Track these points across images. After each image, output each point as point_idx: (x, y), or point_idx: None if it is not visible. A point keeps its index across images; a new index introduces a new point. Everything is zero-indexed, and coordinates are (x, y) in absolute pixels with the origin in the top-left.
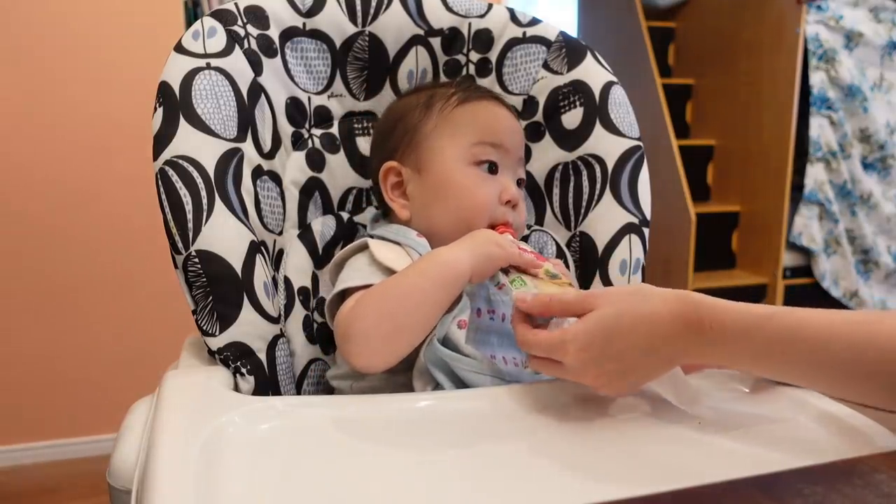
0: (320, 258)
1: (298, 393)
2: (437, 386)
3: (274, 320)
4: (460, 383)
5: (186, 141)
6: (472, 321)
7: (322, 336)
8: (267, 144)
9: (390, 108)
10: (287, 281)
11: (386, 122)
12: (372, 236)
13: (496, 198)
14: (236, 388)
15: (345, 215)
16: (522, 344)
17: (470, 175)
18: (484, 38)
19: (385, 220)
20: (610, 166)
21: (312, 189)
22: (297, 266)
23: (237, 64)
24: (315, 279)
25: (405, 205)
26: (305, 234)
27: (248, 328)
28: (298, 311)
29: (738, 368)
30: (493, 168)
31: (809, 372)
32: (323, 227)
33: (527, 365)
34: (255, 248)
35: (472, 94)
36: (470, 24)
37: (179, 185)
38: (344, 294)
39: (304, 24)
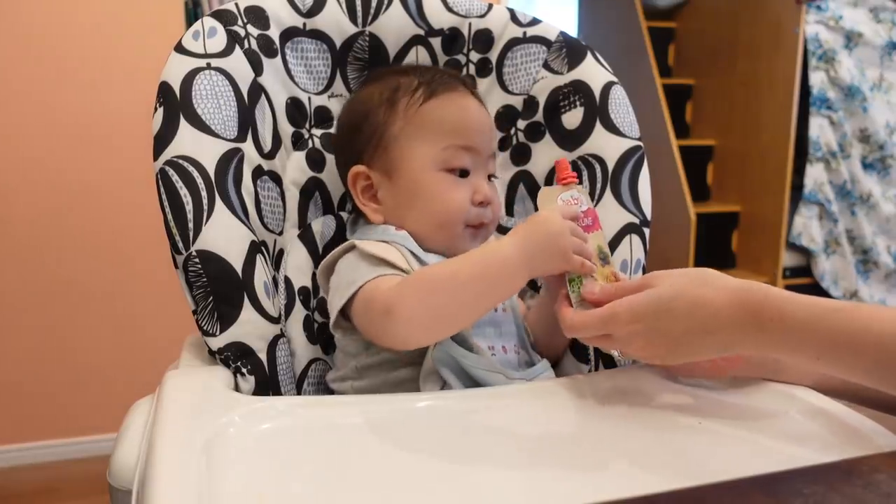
0: (321, 258)
1: (298, 393)
2: (445, 386)
3: (274, 320)
4: (470, 382)
5: (187, 141)
6: None
7: (323, 336)
8: (267, 144)
9: (352, 101)
10: (287, 281)
11: (349, 118)
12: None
13: (468, 201)
14: (237, 388)
15: (345, 215)
16: (571, 328)
17: (441, 181)
18: (484, 38)
19: (362, 222)
20: (610, 166)
21: (312, 189)
22: (298, 266)
23: (237, 64)
24: (316, 279)
25: (377, 209)
26: (306, 233)
27: (249, 328)
28: (299, 311)
29: (799, 361)
30: (464, 173)
31: (876, 370)
32: (323, 227)
33: (518, 351)
34: (256, 248)
35: (437, 86)
36: (470, 24)
37: (180, 185)
38: (354, 295)
39: (304, 24)
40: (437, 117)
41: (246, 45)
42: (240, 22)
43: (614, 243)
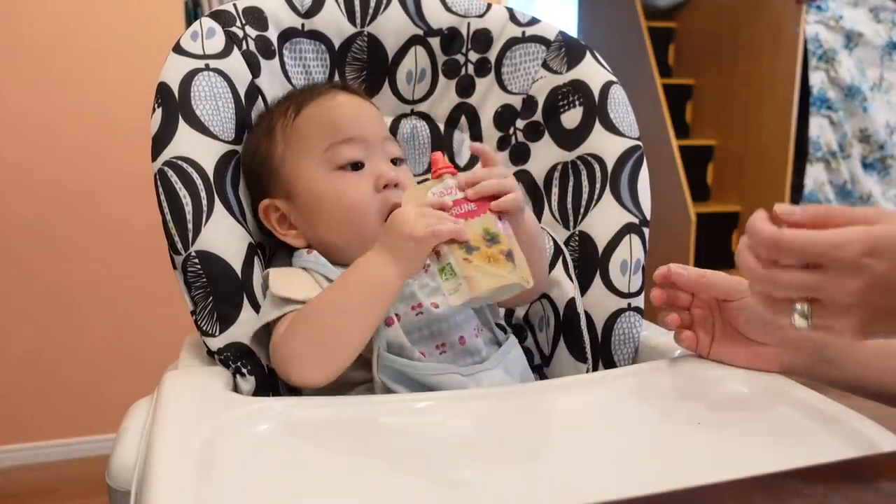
0: None
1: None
2: None
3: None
4: (420, 389)
5: (185, 142)
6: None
7: None
8: None
9: (243, 149)
10: None
11: (245, 164)
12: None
13: (371, 190)
14: (236, 389)
15: None
16: (770, 245)
17: (335, 181)
18: (483, 38)
19: (283, 249)
20: (610, 166)
21: None
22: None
23: (235, 65)
24: None
25: (296, 234)
26: None
27: (248, 328)
28: None
29: None
30: (357, 165)
31: None
32: None
33: (478, 334)
34: (253, 249)
35: (305, 97)
36: (469, 24)
37: (178, 185)
38: (269, 327)
39: (302, 25)
40: (312, 124)
41: (244, 47)
42: (238, 23)
43: (614, 243)
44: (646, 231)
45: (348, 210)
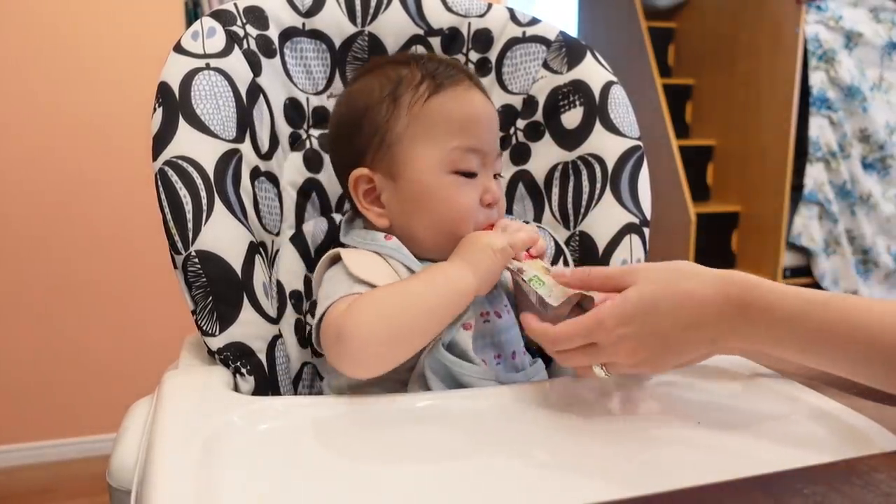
0: (312, 261)
1: (295, 394)
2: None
3: (273, 321)
4: (456, 388)
5: (186, 141)
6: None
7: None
8: (265, 145)
9: (350, 95)
10: (279, 284)
11: (348, 114)
12: (345, 245)
13: (477, 203)
14: (236, 389)
15: (338, 217)
16: (549, 341)
17: (450, 185)
18: (483, 38)
19: (358, 223)
20: (610, 166)
21: (310, 190)
22: (289, 268)
23: (236, 64)
24: (308, 281)
25: (381, 213)
26: (297, 236)
27: (248, 328)
28: (290, 315)
29: (785, 355)
30: (471, 174)
31: (862, 363)
32: (315, 228)
33: (515, 356)
34: (254, 248)
35: (442, 79)
36: (469, 24)
37: (179, 185)
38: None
39: (303, 25)
40: (444, 115)
41: (245, 46)
42: (239, 22)
43: (614, 243)
44: (646, 231)
45: (453, 218)
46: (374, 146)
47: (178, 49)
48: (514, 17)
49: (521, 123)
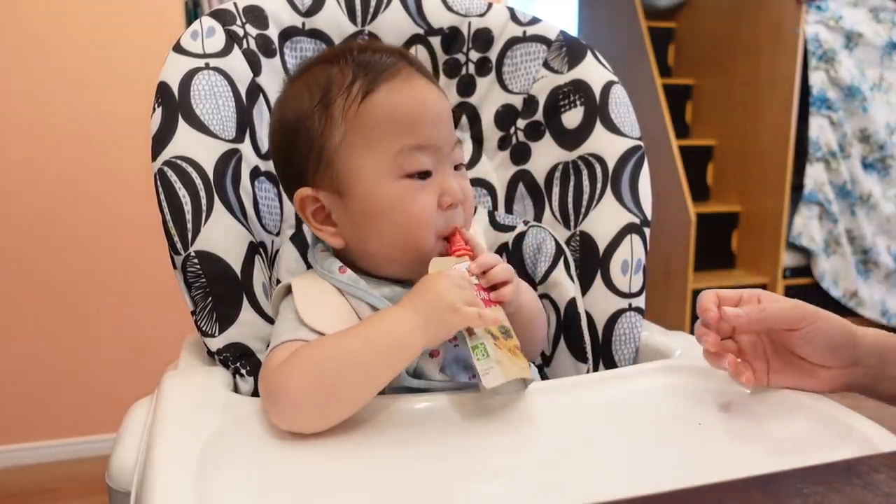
0: None
1: None
2: None
3: (273, 321)
4: None
5: (185, 141)
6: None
7: None
8: (264, 145)
9: (280, 106)
10: (279, 284)
11: (282, 130)
12: (310, 266)
13: (435, 207)
14: (236, 389)
15: None
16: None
17: (401, 191)
18: (484, 37)
19: (321, 245)
20: (611, 166)
21: None
22: (289, 269)
23: (236, 64)
24: None
25: (335, 232)
26: (297, 235)
27: (248, 329)
28: None
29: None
30: (425, 174)
31: None
32: None
33: (473, 376)
34: (254, 248)
35: (376, 75)
36: (470, 23)
37: (178, 185)
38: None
39: (303, 24)
40: (384, 115)
41: (245, 45)
42: (238, 21)
43: (615, 243)
44: (647, 231)
45: (407, 226)
46: (312, 163)
47: (178, 49)
48: (514, 16)
49: (521, 123)
